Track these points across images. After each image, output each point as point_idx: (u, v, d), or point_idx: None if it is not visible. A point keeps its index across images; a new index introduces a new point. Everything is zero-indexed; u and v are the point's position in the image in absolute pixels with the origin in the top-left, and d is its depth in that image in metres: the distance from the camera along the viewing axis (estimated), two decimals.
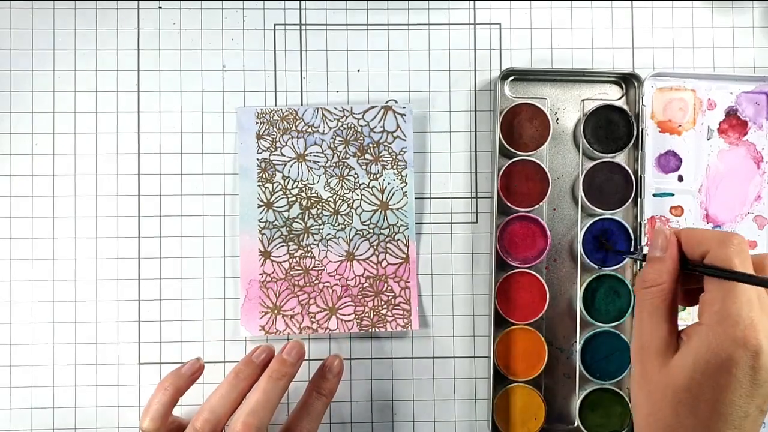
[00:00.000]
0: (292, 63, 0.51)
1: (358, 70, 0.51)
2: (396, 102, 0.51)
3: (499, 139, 0.49)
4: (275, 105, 0.51)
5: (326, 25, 0.51)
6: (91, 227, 0.50)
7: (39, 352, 0.50)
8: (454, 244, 0.51)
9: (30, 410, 0.49)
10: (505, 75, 0.50)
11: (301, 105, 0.51)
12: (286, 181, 0.50)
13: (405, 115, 0.50)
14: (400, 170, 0.50)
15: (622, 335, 0.49)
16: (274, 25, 0.51)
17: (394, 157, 0.50)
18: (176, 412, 0.46)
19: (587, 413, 0.49)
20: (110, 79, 0.50)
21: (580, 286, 0.49)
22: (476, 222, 0.51)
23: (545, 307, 0.49)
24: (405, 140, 0.50)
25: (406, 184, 0.50)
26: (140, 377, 0.50)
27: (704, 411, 0.34)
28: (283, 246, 0.50)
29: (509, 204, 0.49)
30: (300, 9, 0.51)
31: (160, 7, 0.51)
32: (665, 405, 0.35)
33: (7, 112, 0.50)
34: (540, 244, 0.49)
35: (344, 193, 0.50)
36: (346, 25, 0.51)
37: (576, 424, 0.49)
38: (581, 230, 0.49)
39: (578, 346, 0.49)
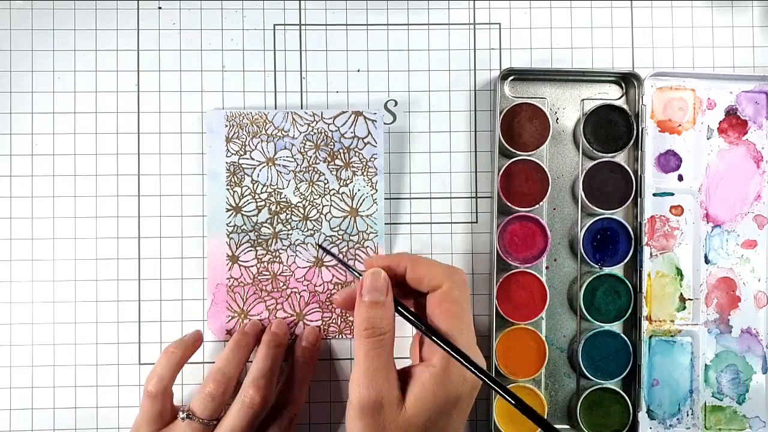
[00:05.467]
0: (292, 63, 0.51)
1: (358, 70, 0.51)
2: (396, 103, 0.51)
3: (499, 138, 0.49)
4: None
5: (326, 25, 0.51)
6: (91, 228, 0.50)
7: (39, 353, 0.50)
8: (454, 244, 0.51)
9: (30, 411, 0.49)
10: (504, 75, 0.50)
11: (272, 108, 0.50)
12: (255, 186, 0.50)
13: (376, 121, 0.50)
14: (370, 177, 0.50)
15: (622, 335, 0.49)
16: (274, 25, 0.51)
17: (364, 163, 0.50)
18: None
19: (587, 413, 0.49)
20: (110, 79, 0.50)
21: (581, 286, 0.49)
22: (476, 222, 0.51)
23: (545, 307, 0.49)
24: (376, 147, 0.50)
25: (376, 191, 0.50)
26: (140, 378, 0.50)
27: None
28: (251, 251, 0.50)
29: (509, 204, 0.49)
30: (300, 9, 0.51)
31: (159, 8, 0.51)
32: None
33: (7, 112, 0.50)
34: (540, 243, 0.49)
35: (314, 199, 0.50)
36: (346, 25, 0.51)
37: (576, 424, 0.49)
38: (581, 230, 0.49)
39: (579, 346, 0.49)
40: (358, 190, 0.50)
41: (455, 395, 0.37)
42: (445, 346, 0.37)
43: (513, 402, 0.36)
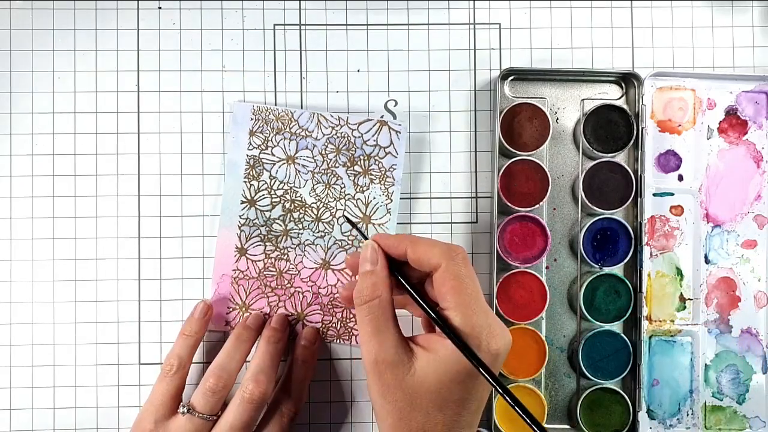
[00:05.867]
0: (292, 63, 0.51)
1: (358, 70, 0.51)
2: (396, 103, 0.51)
3: (499, 138, 0.49)
4: (275, 104, 0.50)
5: (326, 25, 0.51)
6: (91, 228, 0.50)
7: (39, 353, 0.50)
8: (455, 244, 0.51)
9: (30, 411, 0.49)
10: (504, 75, 0.50)
11: (300, 108, 0.51)
12: (273, 181, 0.50)
13: (400, 132, 0.50)
14: (387, 186, 0.50)
15: (622, 335, 0.49)
16: (274, 25, 0.51)
17: (383, 172, 0.50)
18: None
19: (587, 413, 0.49)
20: (110, 79, 0.50)
21: (581, 286, 0.49)
22: (476, 222, 0.51)
23: (545, 307, 0.49)
24: (396, 157, 0.50)
25: (392, 201, 0.50)
26: (140, 377, 0.50)
27: (452, 407, 0.38)
28: (260, 245, 0.50)
29: (509, 204, 0.49)
30: (300, 9, 0.51)
31: (159, 8, 0.51)
32: (415, 408, 0.38)
33: (7, 112, 0.50)
34: (540, 243, 0.49)
35: (328, 201, 0.50)
36: (346, 25, 0.51)
37: (576, 424, 0.49)
38: (581, 230, 0.49)
39: (579, 346, 0.49)
40: (374, 198, 0.50)
41: (471, 367, 0.37)
42: (450, 333, 0.38)
43: (502, 393, 0.37)
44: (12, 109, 0.50)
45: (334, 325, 0.50)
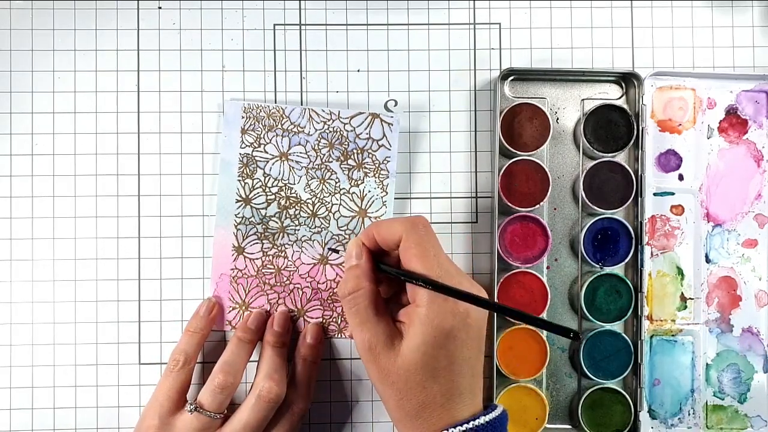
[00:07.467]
0: (292, 63, 0.51)
1: (358, 70, 0.51)
2: (396, 103, 0.51)
3: (499, 138, 0.49)
4: (264, 101, 0.50)
5: (326, 25, 0.51)
6: (91, 227, 0.50)
7: (39, 353, 0.49)
8: (454, 244, 0.51)
9: (30, 411, 0.49)
10: (505, 75, 0.50)
11: (287, 103, 0.51)
12: (267, 179, 0.50)
13: (392, 124, 0.50)
14: (381, 179, 0.50)
15: (623, 334, 0.49)
16: (274, 25, 0.51)
17: (377, 165, 0.50)
18: None
19: (589, 413, 0.49)
20: (110, 79, 0.50)
21: (582, 286, 0.49)
22: (476, 222, 0.51)
23: (546, 307, 0.49)
24: (390, 149, 0.50)
25: (387, 193, 0.50)
26: (140, 377, 0.50)
27: (444, 374, 0.39)
28: (257, 243, 0.50)
29: (510, 204, 0.49)
30: (300, 9, 0.51)
31: (159, 8, 0.51)
32: (411, 386, 0.39)
33: (7, 112, 0.50)
34: (541, 243, 0.49)
35: (324, 197, 0.50)
36: (346, 25, 0.51)
37: (578, 424, 0.49)
38: (582, 230, 0.49)
39: (580, 346, 0.49)
40: (369, 191, 0.50)
41: (446, 329, 0.39)
42: (427, 281, 0.39)
43: (492, 308, 0.40)
44: (12, 109, 0.50)
45: (334, 319, 0.50)
